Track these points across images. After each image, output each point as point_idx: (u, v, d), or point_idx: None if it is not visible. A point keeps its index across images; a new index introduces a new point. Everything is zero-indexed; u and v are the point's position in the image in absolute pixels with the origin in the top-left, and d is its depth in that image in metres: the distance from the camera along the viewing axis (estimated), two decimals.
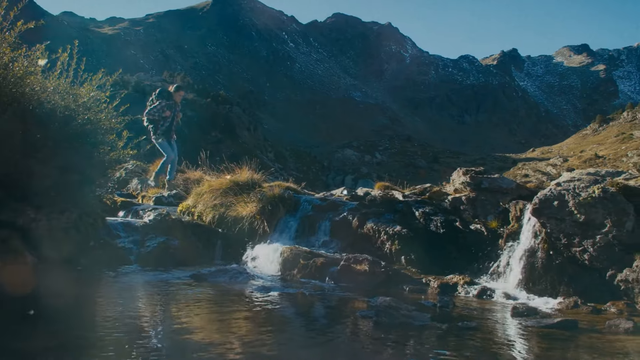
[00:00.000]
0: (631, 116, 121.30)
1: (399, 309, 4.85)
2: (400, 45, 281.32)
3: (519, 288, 6.86)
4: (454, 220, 8.02)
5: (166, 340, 3.90)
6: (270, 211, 8.93)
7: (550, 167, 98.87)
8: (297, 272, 7.45)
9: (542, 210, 6.79)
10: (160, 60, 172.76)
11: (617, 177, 7.31)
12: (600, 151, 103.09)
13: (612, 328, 4.92)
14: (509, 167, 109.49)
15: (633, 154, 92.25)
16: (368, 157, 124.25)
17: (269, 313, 5.30)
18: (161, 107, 11.64)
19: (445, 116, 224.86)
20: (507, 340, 4.60)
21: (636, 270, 6.20)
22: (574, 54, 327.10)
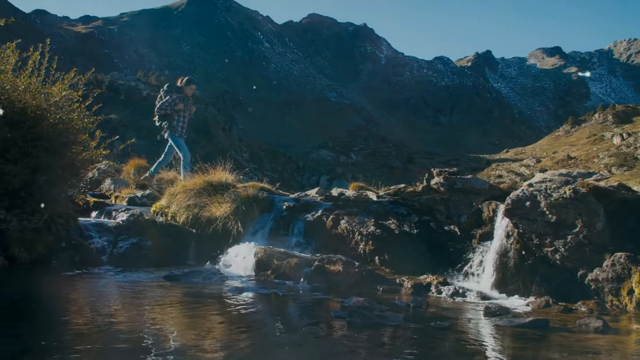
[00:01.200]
0: (602, 118, 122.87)
1: (372, 309, 4.86)
2: (375, 46, 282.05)
3: (491, 288, 6.92)
4: (428, 220, 8.06)
5: (139, 342, 3.85)
6: (244, 212, 8.90)
7: (523, 168, 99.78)
8: (271, 273, 7.44)
9: (515, 210, 6.86)
10: (135, 59, 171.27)
11: (588, 178, 7.40)
12: (573, 152, 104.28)
13: (582, 327, 4.97)
14: (483, 167, 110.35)
15: (604, 155, 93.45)
16: (343, 158, 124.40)
17: (242, 314, 5.28)
18: (172, 100, 11.35)
19: (420, 117, 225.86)
20: (479, 340, 4.63)
21: (606, 269, 6.29)
22: (546, 56, 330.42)
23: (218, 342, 4.00)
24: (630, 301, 6.10)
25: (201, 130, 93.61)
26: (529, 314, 5.60)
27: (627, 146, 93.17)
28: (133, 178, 13.03)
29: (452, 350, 4.14)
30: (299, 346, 4.08)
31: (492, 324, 5.10)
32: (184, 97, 11.57)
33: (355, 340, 4.25)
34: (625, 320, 5.59)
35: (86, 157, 8.13)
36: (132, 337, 3.96)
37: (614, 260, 6.28)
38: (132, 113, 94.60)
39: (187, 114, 11.72)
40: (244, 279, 7.38)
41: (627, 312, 6.01)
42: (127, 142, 9.99)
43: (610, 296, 6.29)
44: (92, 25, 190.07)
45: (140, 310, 5.10)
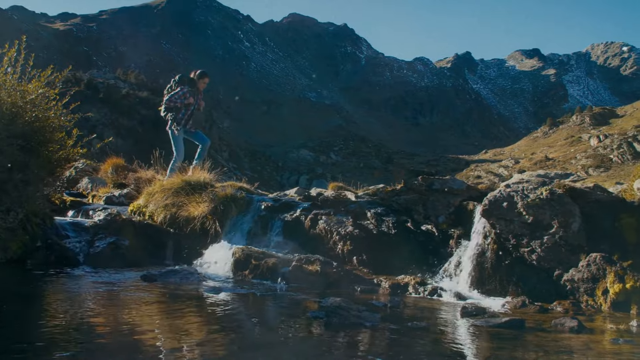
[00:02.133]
0: (580, 120, 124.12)
1: (350, 309, 4.86)
2: (355, 47, 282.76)
3: (469, 288, 6.95)
4: (406, 220, 8.08)
5: (115, 343, 3.82)
6: (223, 211, 8.86)
7: (502, 169, 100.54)
8: (248, 273, 7.42)
9: (492, 211, 6.90)
10: (114, 57, 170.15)
11: (565, 179, 7.46)
12: (551, 153, 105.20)
13: (557, 327, 5.02)
14: (462, 168, 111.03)
15: (581, 157, 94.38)
16: (323, 158, 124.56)
17: (220, 314, 5.26)
18: (183, 94, 10.87)
19: (399, 117, 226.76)
20: (456, 340, 4.65)
21: (582, 270, 6.35)
22: (525, 58, 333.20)
23: (195, 342, 3.98)
24: (605, 301, 6.17)
25: None
26: (506, 314, 5.63)
27: (603, 148, 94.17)
28: (111, 177, 12.94)
29: (429, 351, 4.15)
30: (276, 346, 4.07)
31: (468, 324, 5.12)
32: (195, 91, 11.13)
33: (332, 341, 4.25)
34: (600, 320, 5.64)
35: (63, 156, 8.06)
36: (107, 339, 3.93)
37: (589, 261, 6.35)
38: (111, 111, 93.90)
39: (195, 110, 11.31)
40: (222, 278, 7.35)
41: (602, 311, 6.08)
42: (104, 140, 9.92)
43: (585, 296, 6.35)
44: (71, 23, 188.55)
45: (116, 310, 5.05)
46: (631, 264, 6.17)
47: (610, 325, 5.33)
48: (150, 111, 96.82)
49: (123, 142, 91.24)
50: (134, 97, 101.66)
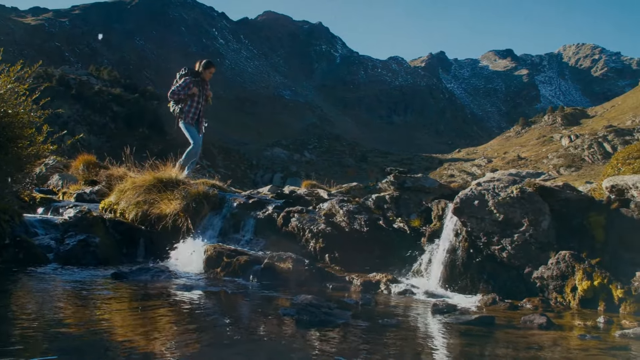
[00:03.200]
0: (552, 120, 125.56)
1: (320, 307, 4.87)
2: (330, 45, 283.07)
3: (440, 286, 6.99)
4: (378, 218, 8.10)
5: (85, 342, 3.78)
6: (195, 209, 8.81)
7: (475, 168, 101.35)
8: (220, 271, 7.38)
9: (463, 209, 6.94)
10: (87, 53, 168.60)
11: (537, 178, 7.54)
12: (523, 153, 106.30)
13: (527, 323, 5.07)
14: (435, 167, 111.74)
15: (553, 156, 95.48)
16: (297, 156, 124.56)
17: (191, 312, 5.22)
18: (186, 84, 10.53)
19: (374, 116, 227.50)
20: (426, 337, 4.68)
21: (551, 267, 6.42)
22: (499, 58, 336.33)
23: (166, 340, 3.95)
24: (574, 298, 6.24)
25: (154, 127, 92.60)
26: (476, 312, 5.67)
27: (574, 147, 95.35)
28: (82, 174, 12.82)
29: (399, 348, 4.16)
30: (246, 344, 4.05)
31: (439, 322, 5.15)
32: (200, 82, 10.78)
33: (302, 338, 4.24)
34: (568, 317, 5.70)
35: (33, 152, 7.95)
36: (77, 338, 3.88)
37: (558, 258, 6.42)
38: (83, 108, 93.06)
39: (202, 100, 10.91)
40: (193, 276, 7.30)
41: (571, 308, 6.15)
42: (75, 137, 9.80)
43: (554, 293, 6.42)
44: (42, 17, 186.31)
45: (86, 309, 4.99)
46: (599, 261, 6.25)
47: (578, 321, 5.39)
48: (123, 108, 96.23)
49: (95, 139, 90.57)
50: (106, 94, 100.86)
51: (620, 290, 5.99)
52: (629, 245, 6.28)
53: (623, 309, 5.95)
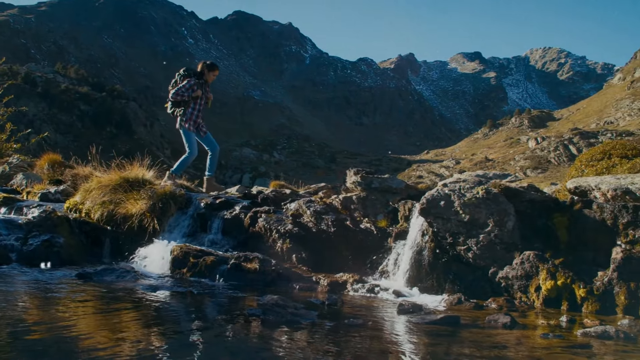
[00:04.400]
0: (519, 122, 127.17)
1: (286, 307, 4.87)
2: (300, 46, 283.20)
3: (406, 286, 7.01)
4: (345, 219, 8.12)
5: (48, 344, 3.72)
6: (161, 209, 8.75)
7: (443, 169, 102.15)
8: (186, 271, 7.33)
9: (430, 210, 6.98)
10: (53, 51, 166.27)
11: (503, 180, 7.62)
12: (491, 155, 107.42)
13: (491, 323, 5.11)
14: (404, 168, 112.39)
15: (520, 158, 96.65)
16: (266, 156, 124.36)
17: (157, 313, 5.19)
18: (190, 86, 10.20)
19: (343, 117, 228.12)
20: (391, 336, 4.70)
21: (516, 267, 6.49)
22: (467, 61, 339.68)
23: (131, 342, 3.91)
24: (538, 297, 6.32)
25: (122, 126, 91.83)
26: (442, 311, 5.71)
27: (541, 150, 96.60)
28: (47, 173, 12.64)
29: (364, 347, 4.18)
30: (212, 344, 4.04)
31: (405, 321, 5.17)
32: (202, 84, 10.49)
33: (268, 338, 4.24)
34: (532, 316, 5.77)
35: None
36: (39, 340, 3.82)
37: (523, 259, 6.49)
38: (49, 106, 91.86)
39: (203, 102, 10.64)
40: (160, 277, 7.24)
41: (535, 308, 6.22)
42: (40, 135, 9.68)
43: (519, 293, 6.48)
44: (7, 13, 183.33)
45: (49, 310, 4.93)
46: (563, 261, 6.33)
47: (542, 320, 5.45)
48: (90, 107, 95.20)
49: (62, 138, 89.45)
50: (73, 92, 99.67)
51: (583, 290, 6.08)
52: (592, 246, 6.37)
53: (585, 308, 6.04)
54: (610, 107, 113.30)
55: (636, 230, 6.06)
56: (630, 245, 6.07)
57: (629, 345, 4.46)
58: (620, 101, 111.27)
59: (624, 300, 5.86)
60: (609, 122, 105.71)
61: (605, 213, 6.31)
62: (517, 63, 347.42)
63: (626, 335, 4.63)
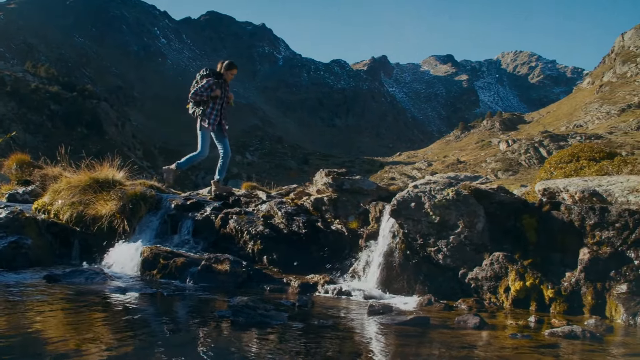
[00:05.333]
0: (490, 124, 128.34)
1: (257, 308, 4.85)
2: (273, 47, 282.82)
3: (377, 287, 7.03)
4: (316, 220, 8.12)
5: (13, 348, 3.67)
6: (131, 210, 8.68)
7: (415, 171, 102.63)
8: (157, 273, 7.29)
9: (400, 211, 7.01)
10: (23, 49, 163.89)
11: (474, 182, 7.67)
12: (462, 157, 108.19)
13: (460, 324, 5.15)
14: (376, 170, 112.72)
15: (491, 160, 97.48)
16: (239, 158, 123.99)
17: (127, 315, 5.13)
18: (209, 85, 10.00)
19: (316, 119, 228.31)
20: (361, 337, 4.70)
21: (485, 268, 6.54)
22: (439, 64, 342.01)
23: (100, 344, 3.87)
24: (507, 298, 6.38)
25: (93, 126, 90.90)
26: (412, 312, 5.73)
27: (512, 152, 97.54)
28: (15, 173, 12.47)
29: (334, 349, 4.18)
30: (181, 347, 4.01)
31: (375, 322, 5.19)
32: (222, 84, 10.29)
33: (238, 340, 4.22)
34: (501, 317, 5.82)
35: None
36: (9, 342, 3.77)
37: (492, 260, 6.54)
38: (19, 106, 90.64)
39: (225, 104, 10.43)
40: (129, 278, 7.19)
41: (504, 308, 6.28)
42: (7, 135, 9.53)
43: (488, 294, 6.54)
44: None
45: (16, 313, 4.85)
46: (531, 262, 6.40)
47: (511, 321, 5.51)
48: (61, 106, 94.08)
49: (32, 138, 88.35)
50: (44, 92, 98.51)
51: (551, 291, 6.15)
52: (560, 247, 6.45)
53: (553, 308, 6.12)
54: (579, 111, 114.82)
55: (603, 231, 6.15)
56: (597, 246, 6.15)
57: (595, 344, 4.53)
58: (589, 105, 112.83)
59: (591, 301, 5.95)
60: (578, 125, 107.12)
61: (573, 215, 6.39)
62: (488, 66, 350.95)
63: (592, 335, 4.70)
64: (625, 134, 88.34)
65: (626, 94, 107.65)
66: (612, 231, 6.09)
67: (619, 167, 9.08)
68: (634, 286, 5.77)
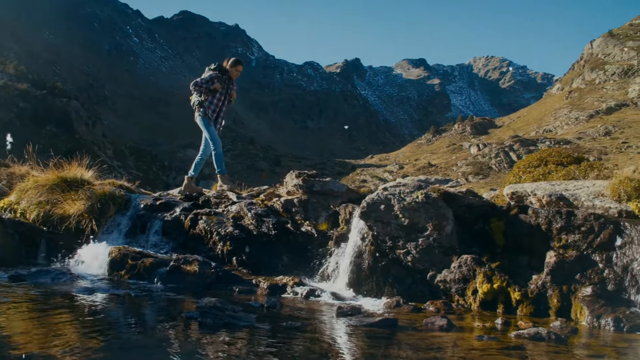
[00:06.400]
0: (461, 129, 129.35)
1: (225, 309, 4.83)
2: (246, 48, 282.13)
3: (346, 289, 7.05)
4: (286, 222, 8.12)
5: None
6: (100, 210, 8.60)
7: (387, 174, 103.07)
8: (125, 273, 7.23)
9: (370, 213, 7.04)
10: None
11: (445, 185, 7.72)
12: (434, 160, 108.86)
13: (428, 325, 5.18)
14: (348, 172, 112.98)
15: (462, 164, 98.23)
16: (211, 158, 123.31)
17: (94, 316, 5.08)
18: (211, 78, 9.97)
19: (288, 120, 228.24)
20: (329, 339, 4.71)
21: (453, 271, 6.60)
22: (412, 67, 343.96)
23: (66, 345, 3.82)
24: (475, 300, 6.44)
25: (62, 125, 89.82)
26: (380, 314, 5.76)
27: (482, 156, 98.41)
28: None
29: (302, 350, 4.18)
30: (148, 348, 3.99)
31: (343, 324, 5.20)
32: (226, 80, 10.26)
33: (205, 342, 4.20)
34: (469, 319, 5.87)
35: None
36: None
37: (460, 262, 6.60)
38: None
39: (225, 99, 10.39)
40: (97, 279, 7.11)
41: (472, 310, 6.34)
42: None
43: (456, 296, 6.60)
44: None
45: None
46: (499, 265, 6.47)
47: (478, 323, 5.56)
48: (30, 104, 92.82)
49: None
50: (12, 89, 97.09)
51: (518, 293, 6.22)
52: (527, 250, 6.53)
53: (520, 310, 6.19)
54: (549, 116, 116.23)
55: (569, 235, 6.24)
56: (563, 249, 6.24)
57: (560, 346, 4.59)
58: (559, 110, 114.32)
59: (557, 303, 6.03)
60: (547, 130, 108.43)
61: (540, 218, 6.47)
62: (460, 71, 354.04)
63: (557, 337, 4.76)
64: (593, 140, 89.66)
65: (594, 100, 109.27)
66: (578, 235, 6.18)
67: (585, 172, 9.21)
68: (599, 289, 5.86)
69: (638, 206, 6.50)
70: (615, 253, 5.96)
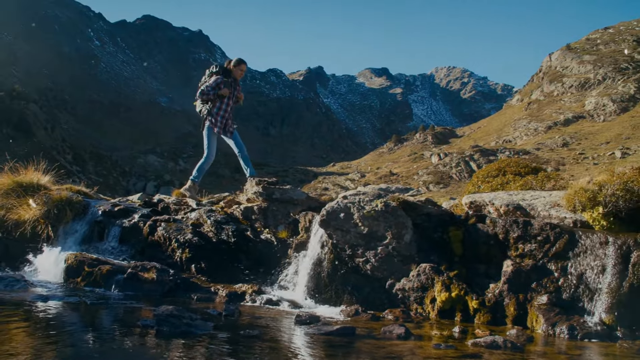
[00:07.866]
0: (423, 138, 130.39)
1: (182, 317, 4.79)
2: (210, 54, 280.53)
3: (305, 297, 7.05)
4: (245, 229, 8.09)
5: None
6: (57, 215, 8.46)
7: (349, 182, 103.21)
8: (81, 280, 7.12)
9: (329, 221, 7.05)
10: None
11: (406, 194, 7.77)
12: (395, 169, 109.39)
13: (386, 334, 5.20)
14: (310, 180, 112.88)
15: (423, 173, 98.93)
16: (172, 164, 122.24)
17: (47, 324, 4.99)
18: (217, 84, 9.70)
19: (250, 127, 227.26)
20: (287, 347, 4.70)
21: (412, 279, 6.64)
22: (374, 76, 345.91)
23: (19, 354, 3.74)
24: (433, 309, 6.49)
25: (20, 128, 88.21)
26: (339, 322, 5.76)
27: (443, 165, 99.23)
28: None
29: (259, 359, 4.16)
30: (103, 357, 3.93)
31: (302, 332, 5.20)
32: (231, 82, 10.02)
33: (161, 350, 4.16)
34: (427, 327, 5.91)
35: None
36: None
37: (419, 271, 6.65)
38: None
39: (232, 102, 10.15)
40: (52, 286, 7.00)
41: (430, 319, 6.38)
42: None
43: (415, 304, 6.64)
44: None
45: None
46: (457, 273, 6.54)
47: (436, 331, 5.61)
48: None
49: None
50: None
51: (476, 302, 6.29)
52: (484, 259, 6.61)
53: (477, 319, 6.26)
54: (509, 127, 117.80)
55: (526, 244, 6.33)
56: (520, 258, 6.33)
57: (516, 354, 4.65)
58: (518, 121, 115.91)
59: (513, 312, 6.11)
60: (507, 140, 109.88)
61: (498, 228, 6.55)
62: (422, 80, 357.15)
63: (513, 345, 4.82)
64: (551, 151, 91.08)
65: (553, 112, 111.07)
66: (535, 244, 6.28)
67: (542, 182, 9.34)
68: (554, 297, 5.95)
69: (592, 216, 6.63)
70: (570, 262, 6.07)
